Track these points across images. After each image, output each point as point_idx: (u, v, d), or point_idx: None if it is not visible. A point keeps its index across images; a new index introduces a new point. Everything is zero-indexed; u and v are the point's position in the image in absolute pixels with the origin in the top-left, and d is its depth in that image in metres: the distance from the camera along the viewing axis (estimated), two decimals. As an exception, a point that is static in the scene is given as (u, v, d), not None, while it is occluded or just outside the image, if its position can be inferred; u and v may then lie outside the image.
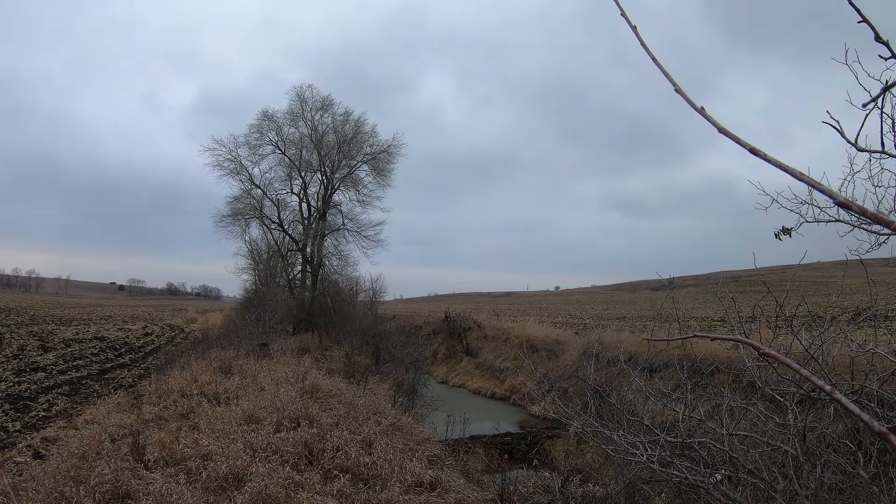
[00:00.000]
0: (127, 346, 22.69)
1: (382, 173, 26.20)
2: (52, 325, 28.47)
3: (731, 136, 0.85)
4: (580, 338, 20.26)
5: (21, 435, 9.41)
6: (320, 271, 25.90)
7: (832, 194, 0.79)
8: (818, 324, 3.92)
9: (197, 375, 12.16)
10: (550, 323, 27.76)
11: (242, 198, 25.94)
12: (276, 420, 8.71)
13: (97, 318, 36.55)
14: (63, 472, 6.49)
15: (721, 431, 4.08)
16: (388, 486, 6.58)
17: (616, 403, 4.83)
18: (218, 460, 6.87)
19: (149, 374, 15.49)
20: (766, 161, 0.82)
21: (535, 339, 21.25)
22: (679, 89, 0.90)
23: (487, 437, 12.64)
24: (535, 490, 6.16)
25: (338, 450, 7.61)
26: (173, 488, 6.13)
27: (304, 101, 25.64)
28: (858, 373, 3.68)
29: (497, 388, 20.34)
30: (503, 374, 21.06)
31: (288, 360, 15.18)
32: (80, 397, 12.67)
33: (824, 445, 3.77)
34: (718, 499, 3.92)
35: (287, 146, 25.86)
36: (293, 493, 6.19)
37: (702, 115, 0.87)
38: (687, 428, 4.28)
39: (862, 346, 3.65)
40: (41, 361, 16.38)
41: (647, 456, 4.32)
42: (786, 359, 1.19)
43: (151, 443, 7.45)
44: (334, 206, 26.42)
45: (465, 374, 23.53)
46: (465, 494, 6.65)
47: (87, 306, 51.84)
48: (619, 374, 5.11)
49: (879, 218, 0.79)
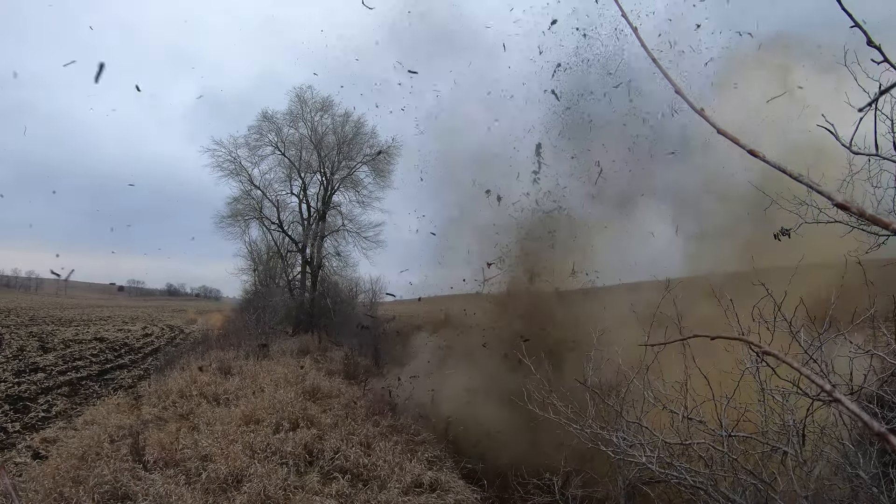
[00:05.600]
0: (126, 346, 22.67)
1: (382, 174, 26.18)
2: (51, 325, 28.44)
3: (729, 137, 0.85)
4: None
5: (21, 436, 9.39)
6: (320, 272, 25.89)
7: (830, 196, 0.79)
8: (817, 324, 3.91)
9: (196, 376, 12.16)
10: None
11: (242, 199, 25.95)
12: (275, 421, 8.71)
13: (97, 318, 36.52)
14: (62, 472, 6.48)
15: (720, 433, 4.08)
16: (388, 487, 6.58)
17: (615, 405, 4.82)
18: (217, 461, 6.87)
19: (148, 374, 15.48)
20: (766, 162, 0.82)
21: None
22: (679, 91, 0.90)
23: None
24: (535, 490, 6.15)
25: (337, 451, 7.61)
26: (172, 489, 6.13)
27: (303, 102, 25.65)
28: (858, 373, 3.68)
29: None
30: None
31: (288, 360, 15.17)
32: (80, 398, 12.65)
33: (824, 446, 3.77)
34: (718, 500, 3.92)
35: (287, 147, 25.87)
36: (292, 494, 6.19)
37: (701, 117, 0.88)
38: (686, 429, 4.28)
39: (861, 346, 3.64)
40: (41, 362, 16.36)
41: (647, 457, 4.32)
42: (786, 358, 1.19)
43: (151, 444, 7.44)
44: (334, 206, 26.41)
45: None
46: (464, 495, 6.65)
47: (86, 307, 51.80)
48: (617, 374, 5.11)
49: (877, 220, 0.79)
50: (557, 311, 10.47)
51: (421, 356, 12.93)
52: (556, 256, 10.91)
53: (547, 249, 11.11)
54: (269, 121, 25.66)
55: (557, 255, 10.89)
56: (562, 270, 10.78)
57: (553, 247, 11.07)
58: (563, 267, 10.76)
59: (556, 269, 10.80)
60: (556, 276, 10.85)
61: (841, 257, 4.19)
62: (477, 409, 9.00)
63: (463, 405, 9.32)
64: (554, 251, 10.99)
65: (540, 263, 11.31)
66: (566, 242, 11.00)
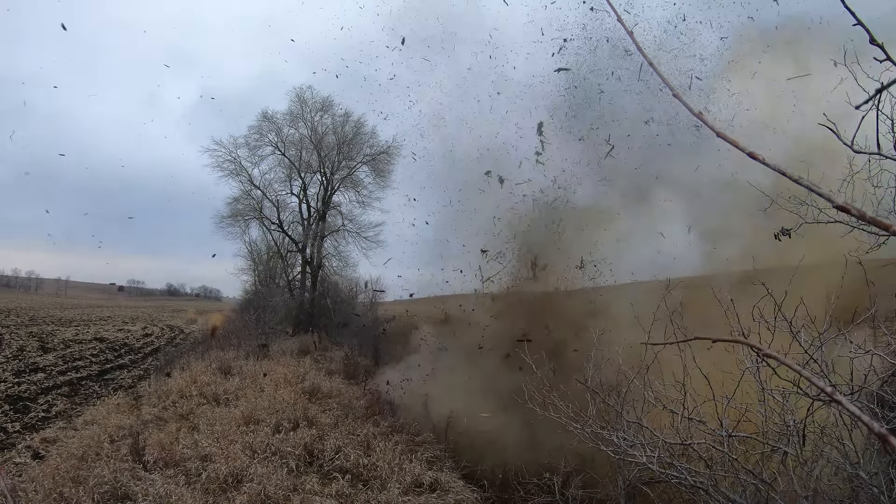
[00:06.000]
0: (126, 346, 22.67)
1: (382, 174, 26.18)
2: (51, 325, 28.45)
3: (729, 140, 0.85)
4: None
5: (20, 436, 9.39)
6: (320, 272, 25.90)
7: (830, 198, 0.79)
8: (817, 325, 3.91)
9: (196, 376, 12.16)
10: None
11: (242, 199, 25.98)
12: (275, 421, 8.71)
13: (97, 318, 36.53)
14: (62, 472, 6.49)
15: (720, 433, 4.08)
16: (388, 487, 6.58)
17: (615, 405, 4.82)
18: (217, 461, 6.87)
19: (148, 374, 15.48)
20: (765, 165, 0.82)
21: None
22: (677, 94, 0.90)
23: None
24: (535, 490, 6.15)
25: (337, 451, 7.61)
26: (172, 489, 6.13)
27: (303, 102, 25.66)
28: (858, 374, 3.68)
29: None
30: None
31: (288, 360, 15.17)
32: (80, 398, 12.66)
33: (824, 446, 3.77)
34: (718, 500, 3.92)
35: (287, 147, 25.88)
36: (292, 494, 6.18)
37: (699, 120, 0.87)
38: (686, 429, 4.28)
39: (861, 346, 3.64)
40: (41, 362, 16.37)
41: (647, 457, 4.31)
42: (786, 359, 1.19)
43: (151, 444, 7.44)
44: (334, 206, 26.42)
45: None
46: (464, 495, 6.65)
47: (86, 307, 51.81)
48: (617, 374, 5.10)
49: (877, 221, 0.79)
50: (564, 308, 9.93)
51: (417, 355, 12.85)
52: (562, 249, 10.18)
53: (551, 242, 10.35)
54: (269, 121, 25.69)
55: (563, 247, 10.18)
56: (566, 265, 10.08)
57: (559, 239, 10.19)
58: (569, 261, 10.02)
59: (561, 263, 10.12)
60: (561, 271, 10.20)
61: (841, 257, 4.18)
62: (477, 409, 8.97)
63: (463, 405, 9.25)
64: (560, 243, 10.17)
65: (544, 257, 10.60)
66: (572, 234, 10.16)
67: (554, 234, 10.36)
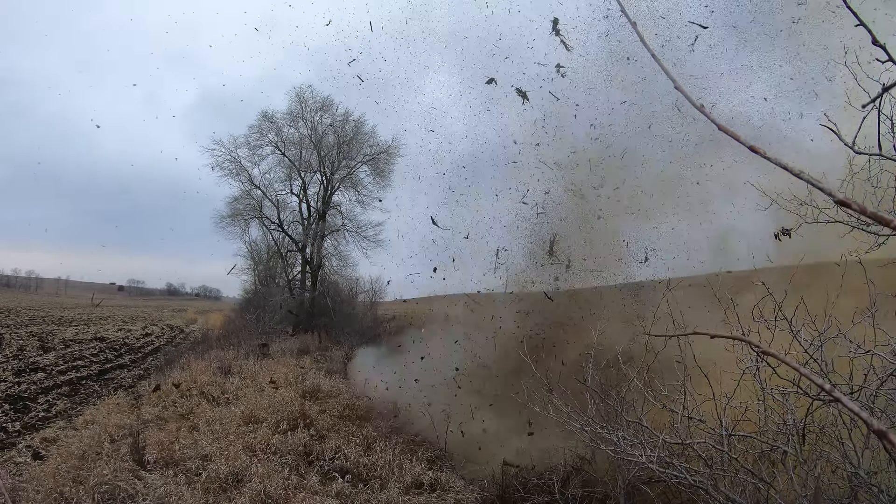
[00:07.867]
0: (126, 346, 22.66)
1: (382, 174, 26.18)
2: (51, 325, 28.44)
3: (730, 133, 0.85)
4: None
5: (21, 435, 9.38)
6: (320, 272, 25.91)
7: (831, 193, 0.79)
8: (817, 324, 3.91)
9: (196, 376, 12.16)
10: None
11: (242, 198, 25.97)
12: (275, 421, 8.72)
13: (97, 318, 36.52)
14: (62, 472, 6.48)
15: (720, 432, 4.08)
16: (388, 487, 6.58)
17: (615, 405, 4.83)
18: (217, 461, 6.87)
19: (149, 374, 15.47)
20: (766, 159, 0.82)
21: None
22: (679, 86, 0.90)
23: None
24: (535, 490, 6.15)
25: (337, 450, 7.61)
26: (172, 489, 6.13)
27: (303, 102, 25.66)
28: (857, 373, 3.68)
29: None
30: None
31: (288, 360, 15.18)
32: (80, 398, 12.64)
33: (824, 445, 3.77)
34: (718, 499, 3.92)
35: (287, 147, 25.89)
36: (292, 494, 6.18)
37: (701, 112, 0.87)
38: (686, 428, 4.28)
39: (861, 346, 3.64)
40: (41, 362, 16.36)
41: (647, 457, 4.32)
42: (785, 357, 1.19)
43: (151, 443, 7.44)
44: (334, 206, 26.42)
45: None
46: (464, 495, 6.64)
47: (86, 307, 51.80)
48: (617, 374, 5.10)
49: (878, 217, 0.79)
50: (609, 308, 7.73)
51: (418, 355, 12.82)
52: (603, 233, 7.97)
53: (590, 221, 8.09)
54: (269, 120, 25.69)
55: (604, 230, 7.93)
56: (606, 254, 7.93)
57: (601, 218, 7.89)
58: (609, 248, 7.89)
59: (601, 250, 7.96)
60: (599, 261, 8.14)
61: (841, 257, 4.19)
62: (477, 409, 8.95)
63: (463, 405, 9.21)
64: (603, 224, 7.93)
65: (578, 245, 8.41)
66: (615, 210, 7.76)
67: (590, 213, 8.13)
